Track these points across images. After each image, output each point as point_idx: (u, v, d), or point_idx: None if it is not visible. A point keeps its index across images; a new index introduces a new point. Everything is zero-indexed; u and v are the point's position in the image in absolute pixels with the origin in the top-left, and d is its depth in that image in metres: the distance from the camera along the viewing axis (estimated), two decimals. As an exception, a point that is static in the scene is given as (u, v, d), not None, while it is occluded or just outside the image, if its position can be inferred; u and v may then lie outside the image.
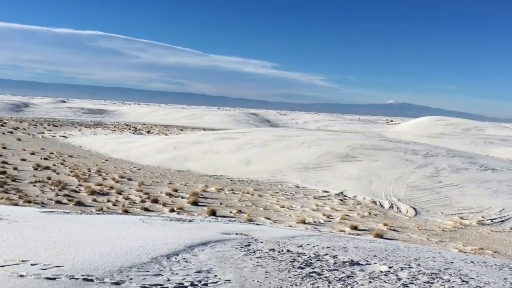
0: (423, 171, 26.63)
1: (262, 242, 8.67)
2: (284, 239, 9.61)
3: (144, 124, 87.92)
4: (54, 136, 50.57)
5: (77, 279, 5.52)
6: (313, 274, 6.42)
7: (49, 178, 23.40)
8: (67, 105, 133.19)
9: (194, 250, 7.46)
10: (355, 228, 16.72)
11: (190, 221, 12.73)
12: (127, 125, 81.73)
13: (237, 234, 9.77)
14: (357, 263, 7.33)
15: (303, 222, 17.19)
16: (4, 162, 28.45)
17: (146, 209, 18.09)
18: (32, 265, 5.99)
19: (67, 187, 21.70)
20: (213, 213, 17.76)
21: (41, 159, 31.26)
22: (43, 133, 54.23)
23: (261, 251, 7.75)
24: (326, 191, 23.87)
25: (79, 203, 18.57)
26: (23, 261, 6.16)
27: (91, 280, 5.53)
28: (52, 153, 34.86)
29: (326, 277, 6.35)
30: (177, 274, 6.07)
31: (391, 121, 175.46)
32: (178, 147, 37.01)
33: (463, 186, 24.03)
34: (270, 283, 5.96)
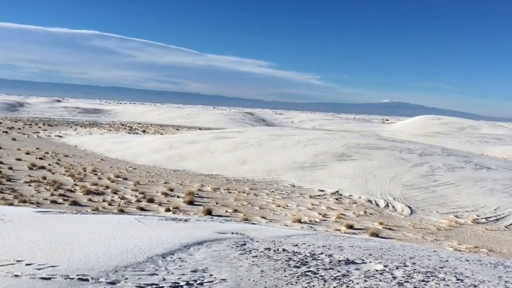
0: (419, 170, 26.71)
1: (257, 241, 8.68)
2: (280, 238, 9.62)
3: (140, 124, 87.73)
4: (49, 136, 50.42)
5: (72, 279, 5.52)
6: (309, 273, 6.43)
7: (44, 178, 23.32)
8: (62, 105, 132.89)
9: (190, 250, 7.46)
10: (350, 227, 16.75)
11: (186, 220, 12.73)
12: (122, 125, 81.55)
13: (232, 233, 9.78)
14: (353, 262, 7.34)
15: (299, 221, 17.20)
16: (-1, 162, 28.35)
17: (142, 209, 18.07)
18: (27, 265, 5.98)
19: (62, 186, 21.63)
20: (209, 212, 17.76)
21: (36, 158, 31.16)
22: (38, 132, 54.06)
23: (257, 250, 7.76)
24: (321, 190, 23.90)
25: (75, 203, 18.52)
26: (18, 261, 6.14)
27: (86, 280, 5.52)
28: (47, 152, 34.76)
29: (321, 276, 6.36)
30: (172, 273, 6.07)
31: (387, 120, 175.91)
32: (173, 147, 36.97)
33: (458, 185, 24.12)
34: (265, 282, 5.97)
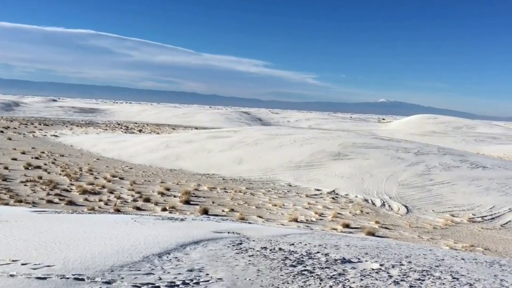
0: (415, 169, 26.77)
1: (254, 241, 8.68)
2: (276, 237, 9.62)
3: (136, 123, 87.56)
4: (45, 135, 50.24)
5: (68, 278, 5.50)
6: (305, 272, 6.44)
7: (40, 178, 23.25)
8: (58, 104, 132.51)
9: (186, 249, 7.46)
10: (347, 226, 16.77)
11: (182, 220, 12.72)
12: (118, 124, 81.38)
13: (229, 232, 9.78)
14: (349, 261, 7.36)
15: (295, 220, 17.21)
16: (-6, 162, 28.24)
17: (138, 208, 18.04)
18: (23, 264, 5.96)
19: (58, 186, 21.57)
20: (205, 212, 17.75)
21: (32, 158, 31.05)
22: (34, 132, 53.88)
23: (253, 249, 7.76)
24: (318, 190, 23.92)
25: (71, 203, 18.47)
26: (13, 260, 6.13)
27: (82, 280, 5.51)
28: (43, 152, 34.65)
29: (317, 275, 6.36)
30: (168, 273, 6.06)
31: (383, 119, 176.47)
32: (170, 146, 36.92)
33: (454, 184, 24.19)
34: (261, 281, 5.97)
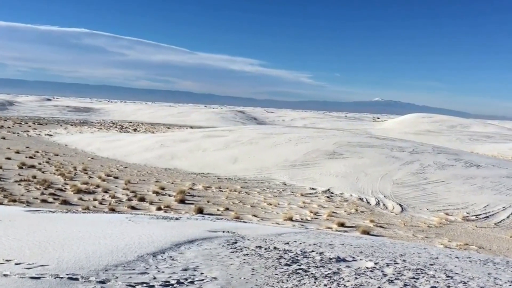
0: (409, 168, 26.85)
1: (249, 240, 8.68)
2: (271, 236, 9.62)
3: (131, 122, 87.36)
4: (39, 135, 50.03)
5: (62, 278, 5.48)
6: (300, 271, 6.44)
7: (34, 177, 23.15)
8: (53, 103, 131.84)
9: (181, 248, 7.44)
10: (342, 225, 16.79)
11: (177, 219, 12.70)
12: (113, 123, 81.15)
13: (224, 232, 9.77)
14: (344, 260, 7.36)
15: (290, 219, 17.22)
16: (-12, 161, 28.09)
17: (133, 208, 17.99)
18: (16, 264, 5.93)
19: (52, 185, 21.48)
20: (200, 211, 17.72)
21: (26, 157, 30.91)
22: (28, 131, 53.64)
23: (248, 248, 7.76)
24: (313, 188, 23.95)
25: (65, 202, 18.41)
26: (7, 260, 6.10)
27: (76, 279, 5.49)
28: (38, 151, 34.51)
29: (312, 273, 6.37)
30: (163, 272, 6.05)
31: (378, 118, 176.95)
32: (165, 145, 36.85)
33: (448, 183, 24.28)
34: (256, 280, 5.97)
